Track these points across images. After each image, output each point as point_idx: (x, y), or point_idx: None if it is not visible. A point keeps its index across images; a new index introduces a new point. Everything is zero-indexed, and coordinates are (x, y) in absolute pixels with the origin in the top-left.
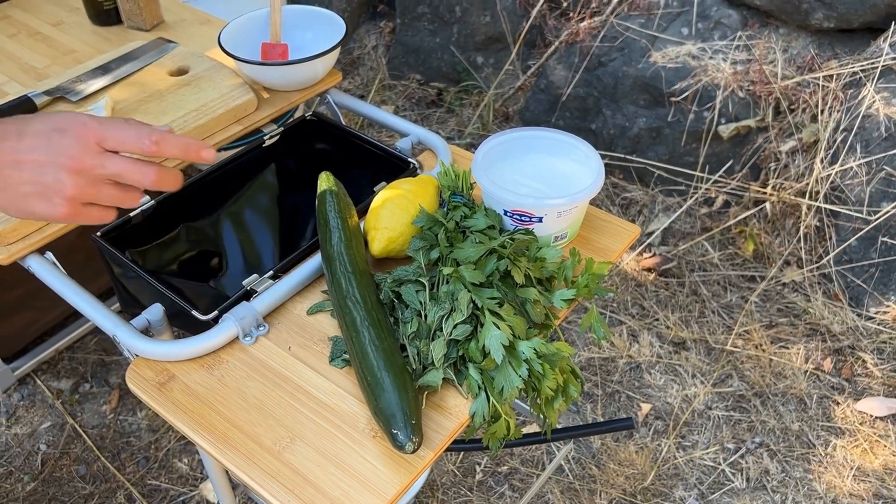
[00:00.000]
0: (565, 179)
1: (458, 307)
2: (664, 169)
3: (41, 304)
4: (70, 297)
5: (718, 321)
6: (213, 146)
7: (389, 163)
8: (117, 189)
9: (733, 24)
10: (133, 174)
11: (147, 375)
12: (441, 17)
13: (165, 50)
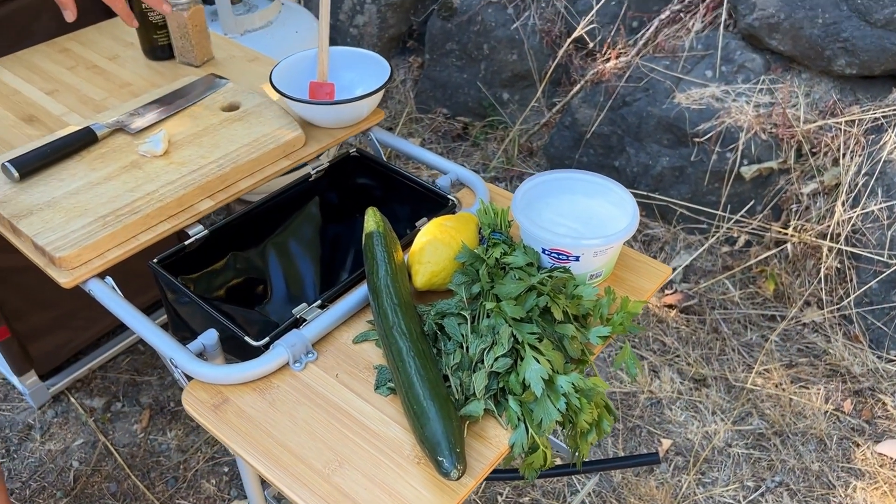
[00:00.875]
0: (601, 220)
1: (500, 341)
2: (686, 207)
3: (77, 323)
4: (128, 320)
5: (739, 359)
6: (263, 179)
7: (429, 199)
8: None
9: (757, 68)
10: None
11: (202, 398)
12: (469, 54)
13: (217, 86)
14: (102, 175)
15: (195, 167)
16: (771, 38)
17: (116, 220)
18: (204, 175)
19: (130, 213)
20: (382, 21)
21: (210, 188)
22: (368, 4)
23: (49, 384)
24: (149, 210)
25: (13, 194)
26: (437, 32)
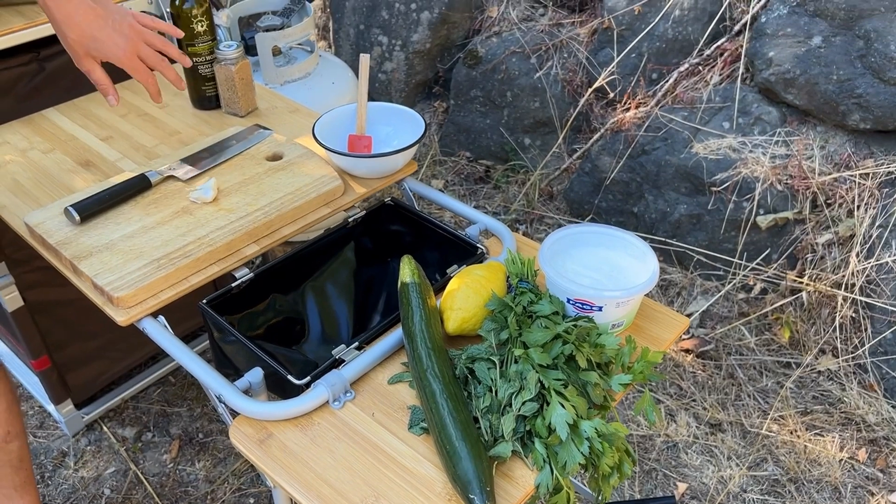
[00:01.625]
0: (623, 273)
1: (527, 386)
2: (703, 254)
3: (113, 355)
4: (179, 356)
5: (754, 405)
6: (305, 226)
7: (458, 246)
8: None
9: (773, 121)
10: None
11: (248, 432)
12: (492, 101)
13: (262, 136)
14: (156, 220)
15: (242, 214)
16: (787, 92)
17: (170, 263)
18: (251, 221)
19: (182, 257)
20: (410, 68)
21: (256, 234)
22: (397, 52)
23: (83, 413)
24: (199, 254)
25: (74, 236)
26: (462, 79)
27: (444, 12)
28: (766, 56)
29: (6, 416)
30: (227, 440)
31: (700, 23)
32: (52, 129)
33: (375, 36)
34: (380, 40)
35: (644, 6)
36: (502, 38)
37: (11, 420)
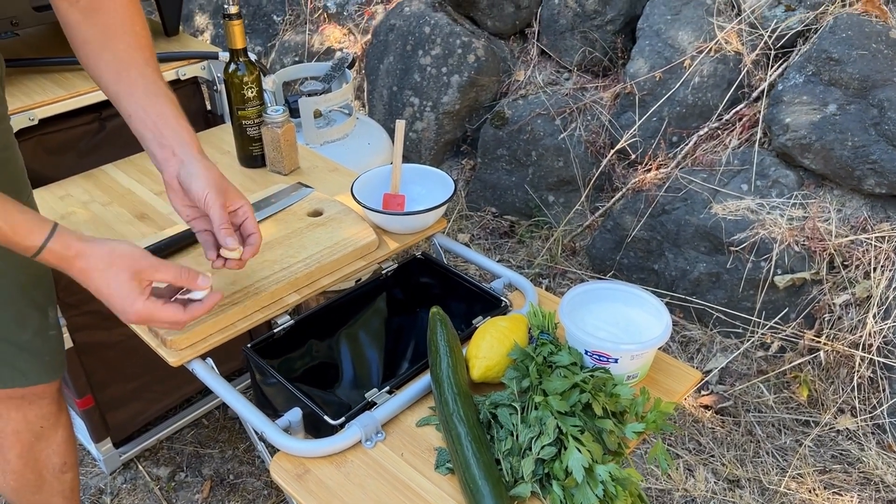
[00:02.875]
0: (638, 327)
1: (546, 431)
2: (722, 312)
3: (150, 396)
4: (226, 396)
5: (773, 462)
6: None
7: (484, 299)
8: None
9: (790, 184)
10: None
11: (287, 468)
12: (518, 160)
13: (304, 194)
14: (206, 269)
15: (285, 265)
16: (803, 157)
17: (219, 310)
18: (293, 273)
19: (231, 304)
20: (440, 127)
21: (297, 284)
22: (428, 112)
23: (121, 452)
24: (246, 301)
25: None
26: (489, 139)
27: (473, 76)
28: (782, 122)
29: (64, 448)
30: (256, 482)
31: (719, 89)
32: (111, 183)
33: (407, 97)
34: (411, 101)
35: (665, 73)
36: (528, 101)
37: (69, 451)
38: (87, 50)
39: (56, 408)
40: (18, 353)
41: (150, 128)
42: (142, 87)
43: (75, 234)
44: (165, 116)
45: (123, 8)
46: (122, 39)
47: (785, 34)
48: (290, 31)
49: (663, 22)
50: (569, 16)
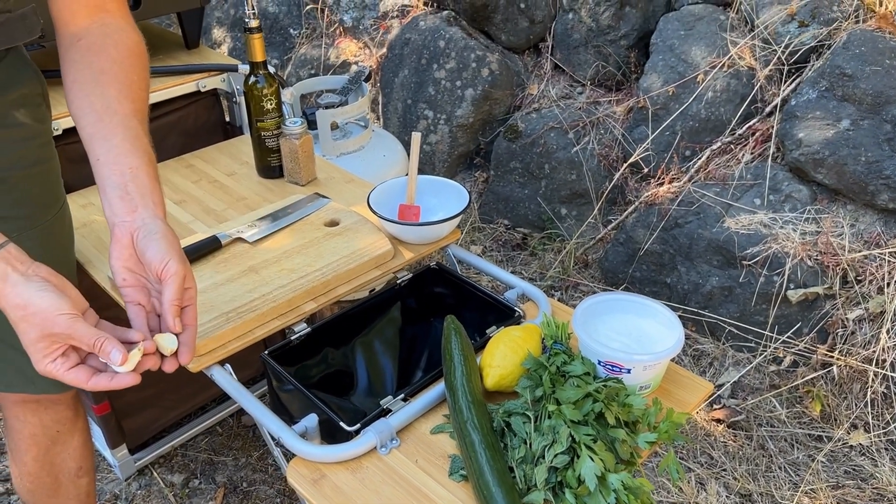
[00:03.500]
0: (651, 339)
1: (559, 439)
2: (735, 326)
3: (166, 403)
4: (244, 402)
5: (785, 477)
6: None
7: (497, 309)
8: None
9: (803, 199)
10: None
11: (303, 473)
12: (531, 173)
13: (321, 204)
14: (225, 277)
15: (303, 274)
16: (816, 172)
17: (237, 317)
18: (310, 281)
19: (249, 311)
20: (453, 140)
21: (314, 292)
22: (441, 125)
23: (136, 458)
24: (264, 309)
25: None
26: (502, 152)
27: (487, 90)
28: (795, 137)
29: (81, 452)
30: (269, 490)
31: (732, 104)
32: None
33: (422, 110)
34: (426, 114)
35: (678, 87)
36: (542, 114)
37: (85, 456)
38: (75, 88)
39: (72, 413)
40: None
41: (117, 176)
42: (121, 135)
43: (11, 266)
44: (137, 171)
45: (125, 57)
46: (114, 86)
47: (798, 50)
48: (307, 44)
49: (677, 37)
50: (583, 31)
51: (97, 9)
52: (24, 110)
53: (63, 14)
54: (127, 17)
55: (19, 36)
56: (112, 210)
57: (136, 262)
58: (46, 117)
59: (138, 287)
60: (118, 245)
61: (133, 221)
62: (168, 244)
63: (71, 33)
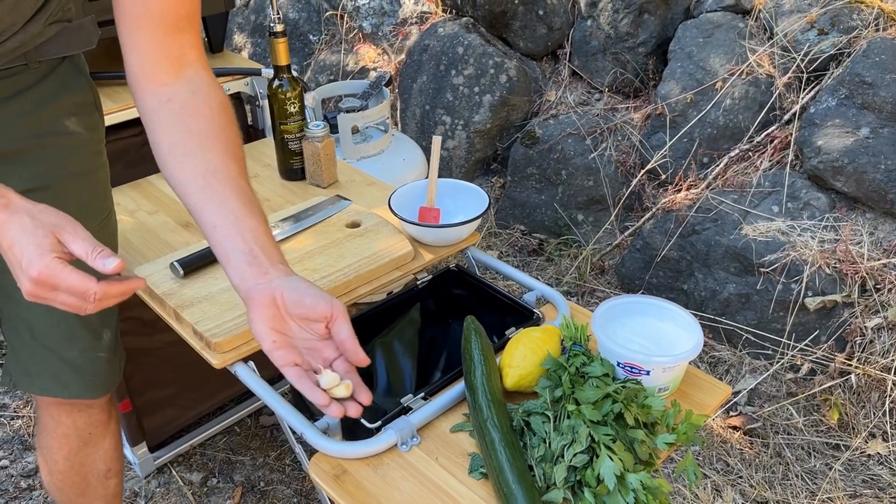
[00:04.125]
0: (670, 341)
1: (578, 439)
2: (752, 333)
3: (185, 403)
4: (266, 398)
5: (802, 485)
6: (379, 287)
7: (516, 311)
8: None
9: (822, 206)
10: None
11: (325, 468)
12: (548, 178)
13: (342, 206)
14: None
15: (325, 274)
16: (835, 179)
17: None
18: (331, 281)
19: None
20: (470, 146)
21: (336, 292)
22: (459, 131)
23: (155, 456)
24: None
25: (178, 288)
26: (519, 158)
27: (505, 96)
28: (814, 145)
29: (111, 454)
30: (286, 490)
31: (750, 111)
32: (157, 193)
33: (440, 116)
34: (443, 120)
35: (696, 95)
36: (559, 121)
37: (115, 458)
38: (175, 153)
39: (105, 417)
40: (63, 367)
41: (240, 242)
42: (233, 198)
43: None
44: (257, 232)
45: (218, 115)
46: (216, 148)
47: (818, 58)
48: (326, 50)
49: (695, 44)
50: (601, 38)
51: (180, 63)
52: (75, 118)
53: (145, 69)
54: (208, 69)
55: (75, 46)
56: (242, 276)
57: (282, 321)
58: (98, 126)
59: (288, 348)
60: (260, 308)
61: (269, 283)
62: (318, 289)
63: (157, 92)
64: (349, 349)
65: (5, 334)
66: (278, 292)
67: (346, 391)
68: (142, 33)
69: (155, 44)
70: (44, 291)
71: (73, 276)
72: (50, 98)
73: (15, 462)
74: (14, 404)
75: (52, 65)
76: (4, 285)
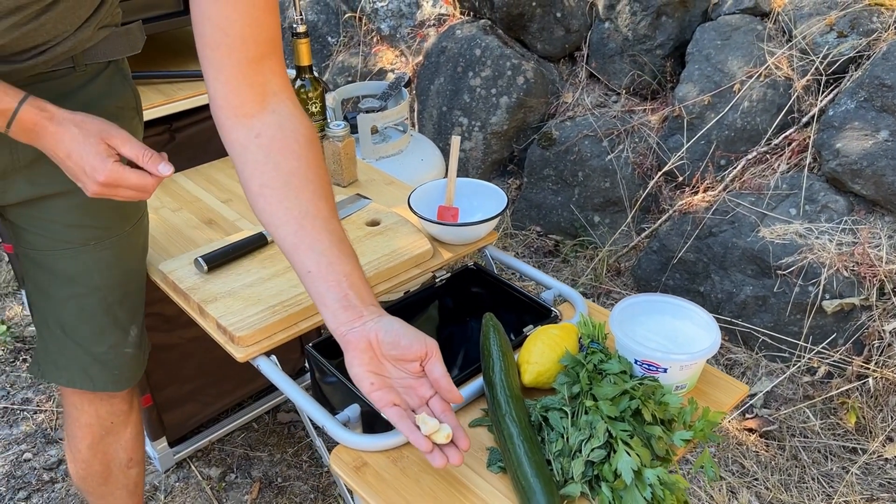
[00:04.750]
0: (687, 339)
1: (596, 434)
2: (768, 335)
3: (205, 398)
4: (289, 391)
5: (818, 488)
6: (397, 284)
7: (534, 309)
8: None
9: (840, 209)
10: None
11: (346, 460)
12: (564, 180)
13: (362, 204)
14: (271, 272)
15: None
16: (854, 182)
17: (283, 310)
18: None
19: (294, 305)
20: (487, 147)
21: None
22: (476, 132)
23: (175, 451)
24: (308, 303)
25: (202, 283)
26: (536, 159)
27: (522, 97)
28: (833, 147)
29: (132, 444)
30: (303, 486)
31: (768, 114)
32: (180, 191)
33: (457, 117)
34: (460, 121)
35: (714, 97)
36: (576, 122)
37: (136, 447)
38: (266, 194)
39: (127, 407)
40: (92, 361)
41: (335, 287)
42: (326, 241)
43: (45, 100)
44: (351, 276)
45: (306, 151)
46: (307, 188)
47: (837, 60)
48: (344, 52)
49: (713, 47)
50: (618, 40)
51: (264, 92)
52: (117, 123)
53: (230, 100)
54: (293, 97)
55: (121, 50)
56: (338, 321)
57: (379, 363)
58: (139, 130)
59: (386, 388)
60: (357, 352)
61: (364, 326)
62: (411, 328)
63: (244, 125)
64: (443, 388)
65: (37, 327)
66: (373, 335)
67: (446, 439)
68: (223, 62)
69: (238, 73)
70: (108, 191)
71: (134, 176)
72: (95, 101)
73: (38, 455)
74: (37, 399)
75: (98, 68)
76: (39, 282)
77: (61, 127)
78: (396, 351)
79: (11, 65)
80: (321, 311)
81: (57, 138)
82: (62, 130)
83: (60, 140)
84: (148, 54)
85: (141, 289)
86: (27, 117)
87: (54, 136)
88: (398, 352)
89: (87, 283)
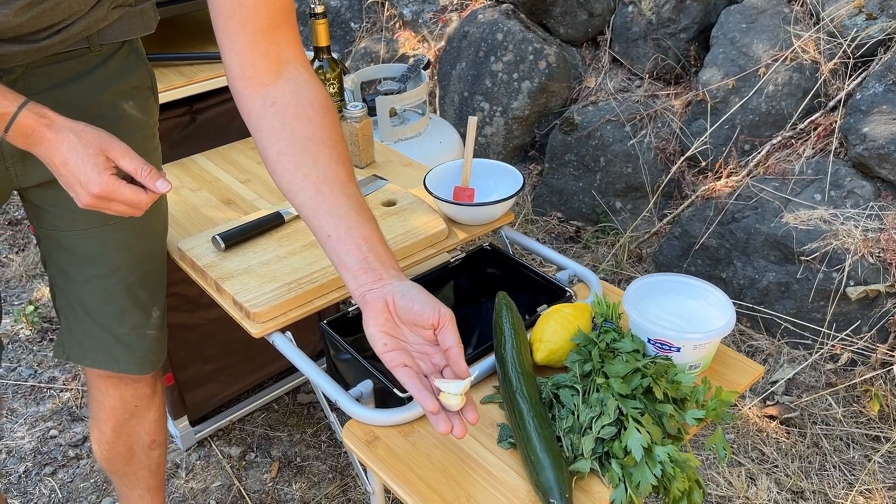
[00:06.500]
0: (701, 319)
1: (607, 412)
2: (791, 322)
3: (226, 378)
4: (302, 366)
5: (839, 476)
6: (413, 263)
7: (549, 289)
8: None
9: (866, 195)
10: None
11: (358, 434)
12: (586, 165)
13: (379, 185)
14: (288, 251)
15: None
16: (881, 167)
17: (299, 287)
18: None
19: (309, 283)
20: (508, 132)
21: None
22: (497, 117)
23: (196, 430)
24: (323, 281)
25: (219, 261)
26: (557, 144)
27: (544, 82)
28: (860, 132)
29: (155, 426)
30: (322, 466)
31: (794, 98)
32: (200, 171)
33: (478, 102)
34: (482, 106)
35: (738, 81)
36: (598, 107)
37: (159, 430)
38: (284, 160)
39: (150, 390)
40: (115, 343)
41: (355, 250)
42: (345, 206)
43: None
44: (370, 240)
45: (322, 116)
46: (324, 153)
47: (865, 43)
48: (367, 37)
49: (738, 30)
50: (642, 24)
51: (279, 61)
52: (132, 102)
53: (245, 70)
54: (307, 65)
55: (135, 30)
56: (358, 282)
57: (394, 325)
58: (153, 110)
59: (399, 350)
60: (373, 312)
61: (382, 288)
62: (428, 295)
63: (259, 94)
64: (451, 358)
65: (60, 309)
66: (390, 297)
67: (460, 402)
68: (237, 32)
69: (252, 42)
70: (101, 203)
71: (129, 191)
72: (110, 81)
73: (63, 432)
74: (63, 377)
75: (112, 48)
76: (60, 263)
77: (59, 135)
78: (409, 315)
79: (28, 45)
80: (341, 273)
81: (54, 146)
82: (60, 138)
83: (57, 148)
84: (170, 37)
85: (162, 269)
86: (26, 122)
87: (52, 143)
88: (410, 316)
89: (108, 263)
